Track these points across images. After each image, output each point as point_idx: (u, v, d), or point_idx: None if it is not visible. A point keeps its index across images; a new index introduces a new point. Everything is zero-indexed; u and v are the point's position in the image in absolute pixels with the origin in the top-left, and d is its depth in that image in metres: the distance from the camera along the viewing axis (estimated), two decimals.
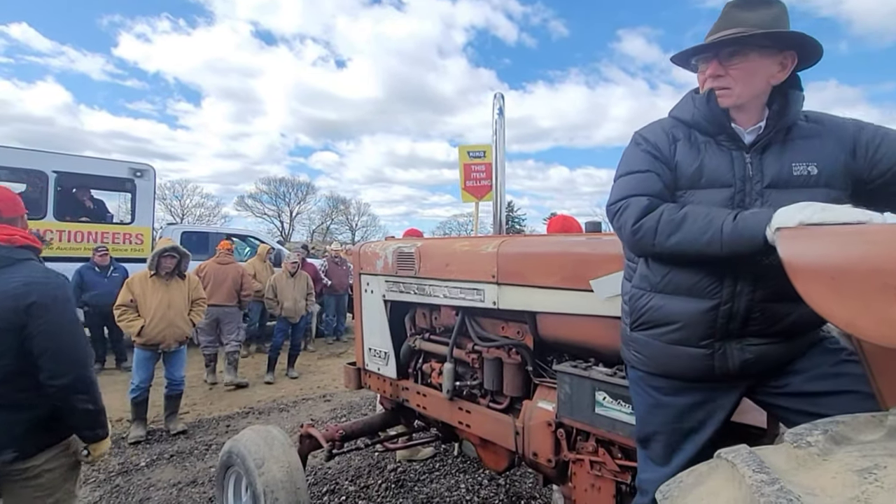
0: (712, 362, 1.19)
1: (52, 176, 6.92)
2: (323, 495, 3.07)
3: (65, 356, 1.55)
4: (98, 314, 6.16)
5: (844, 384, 1.15)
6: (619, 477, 1.66)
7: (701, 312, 1.17)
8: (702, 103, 1.27)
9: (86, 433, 1.67)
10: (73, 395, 1.57)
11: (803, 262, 0.80)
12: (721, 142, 1.25)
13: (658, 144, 1.30)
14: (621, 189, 1.28)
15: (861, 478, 0.60)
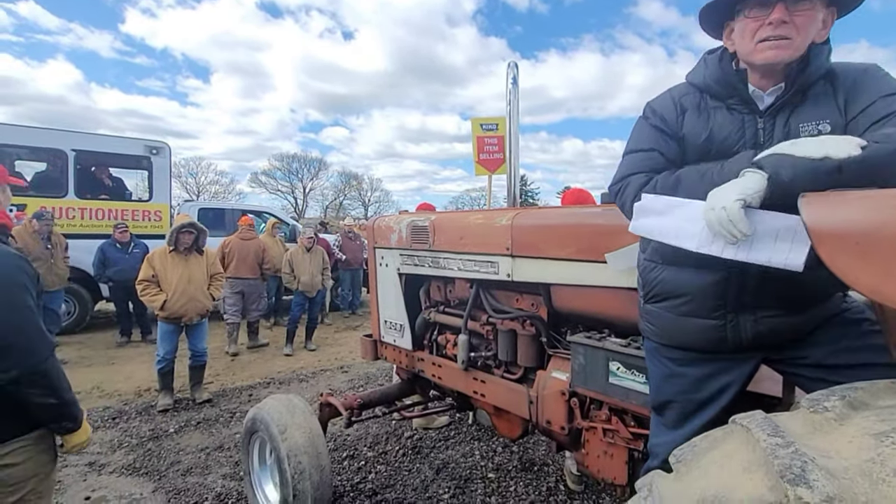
0: (725, 334, 1.18)
1: (72, 154, 7.03)
2: (343, 460, 3.19)
3: (8, 349, 1.36)
4: (122, 289, 6.36)
5: (866, 357, 1.13)
6: (632, 444, 1.69)
7: (710, 284, 1.17)
8: (713, 64, 1.21)
9: (52, 426, 1.51)
10: (24, 390, 1.40)
11: (827, 226, 0.78)
12: (732, 106, 1.19)
13: (665, 116, 1.27)
14: (624, 168, 1.28)
15: (878, 441, 0.60)
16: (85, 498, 2.79)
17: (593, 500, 2.71)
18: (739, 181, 0.99)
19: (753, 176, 0.97)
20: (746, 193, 0.95)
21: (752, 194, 0.95)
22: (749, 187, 0.96)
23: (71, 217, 7.01)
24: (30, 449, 1.47)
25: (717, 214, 0.97)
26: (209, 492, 2.84)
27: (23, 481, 1.45)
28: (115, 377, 5.07)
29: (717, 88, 1.21)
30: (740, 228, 0.94)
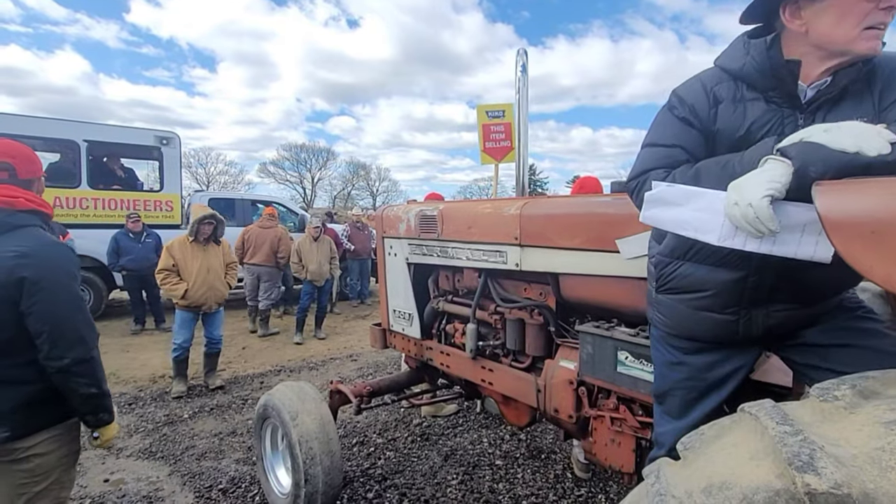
0: (737, 328, 1.18)
1: (84, 145, 7.11)
2: (353, 446, 3.25)
3: (63, 338, 1.42)
4: (135, 278, 6.47)
5: (853, 338, 1.15)
6: (639, 433, 1.70)
7: (729, 282, 1.15)
8: (759, 51, 1.08)
9: (88, 418, 1.55)
10: (72, 379, 1.45)
11: (841, 215, 0.77)
12: (772, 98, 1.09)
13: (696, 107, 1.16)
14: (642, 163, 1.20)
15: (888, 429, 0.60)
16: (104, 480, 2.88)
17: (600, 487, 2.74)
18: (764, 172, 0.92)
19: (779, 166, 0.90)
20: (774, 188, 0.89)
21: (779, 188, 0.89)
22: (775, 180, 0.89)
23: (84, 207, 7.12)
24: (58, 439, 1.51)
25: (742, 211, 0.91)
26: (223, 476, 2.92)
27: (49, 471, 1.49)
28: (130, 364, 5.18)
29: (758, 78, 1.10)
30: (769, 226, 0.89)
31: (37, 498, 1.47)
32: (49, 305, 1.41)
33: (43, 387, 1.45)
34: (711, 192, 1.04)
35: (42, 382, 1.45)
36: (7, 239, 1.41)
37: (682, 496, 0.74)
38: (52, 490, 1.50)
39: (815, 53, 1.05)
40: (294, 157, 39.17)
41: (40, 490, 1.47)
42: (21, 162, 1.52)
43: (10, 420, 1.41)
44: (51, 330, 1.41)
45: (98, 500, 2.66)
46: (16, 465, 1.44)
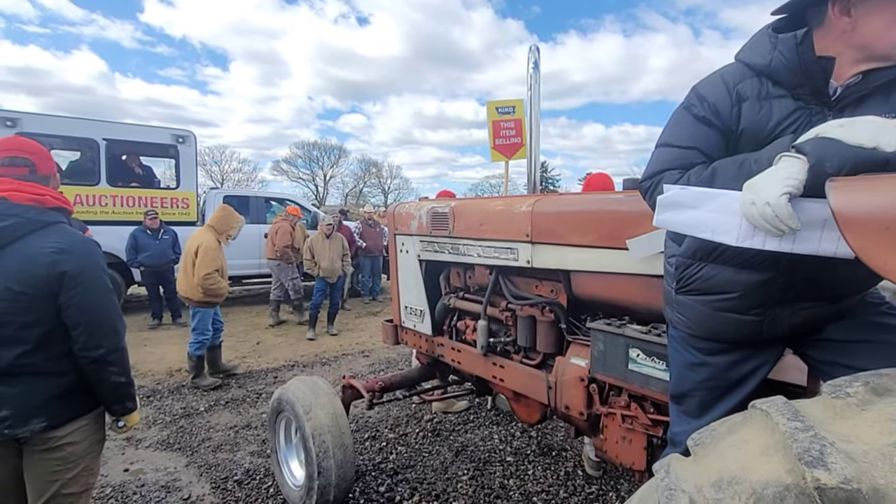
0: (761, 328, 1.16)
1: (103, 144, 7.26)
2: (365, 441, 3.29)
3: (99, 329, 1.49)
4: (153, 273, 6.61)
5: (874, 334, 1.13)
6: (651, 430, 1.70)
7: (755, 284, 1.12)
8: (788, 48, 1.04)
9: (115, 407, 1.61)
10: (105, 368, 1.52)
11: (855, 211, 0.76)
12: (799, 96, 1.06)
13: (717, 107, 1.11)
14: (656, 163, 1.17)
15: None
16: (124, 470, 2.96)
17: (611, 485, 2.73)
18: (780, 170, 0.90)
19: (795, 162, 0.89)
20: (791, 185, 0.87)
21: (797, 185, 0.87)
22: (792, 177, 0.87)
23: (104, 204, 7.28)
24: (89, 428, 1.58)
25: (760, 210, 0.89)
26: (238, 467, 2.98)
27: (80, 458, 1.56)
28: (148, 358, 5.30)
29: (786, 75, 1.06)
30: (789, 224, 0.87)
31: (68, 484, 1.53)
32: (87, 298, 1.47)
33: (76, 378, 1.51)
34: (727, 193, 1.02)
35: (75, 374, 1.51)
36: (41, 236, 1.45)
37: (691, 491, 0.75)
38: (82, 476, 1.57)
39: (853, 53, 1.02)
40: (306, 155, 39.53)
41: (72, 477, 1.54)
42: (39, 158, 1.55)
43: (47, 410, 1.47)
44: (88, 321, 1.47)
45: (119, 489, 2.74)
46: (50, 453, 1.50)
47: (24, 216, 1.44)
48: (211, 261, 4.11)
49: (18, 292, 1.40)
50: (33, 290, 1.41)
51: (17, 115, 6.80)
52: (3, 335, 1.41)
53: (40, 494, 1.50)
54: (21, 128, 6.58)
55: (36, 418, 1.45)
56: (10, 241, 1.42)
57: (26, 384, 1.44)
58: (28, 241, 1.43)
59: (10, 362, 1.41)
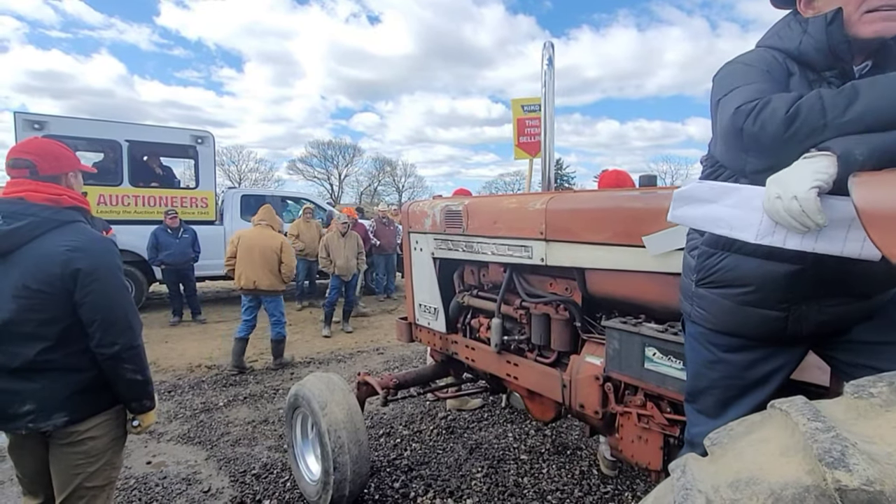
0: (785, 324, 1.12)
1: (125, 145, 7.45)
2: (379, 437, 3.32)
3: (114, 326, 1.51)
4: (173, 272, 6.76)
5: None
6: (667, 430, 1.68)
7: (782, 276, 1.07)
8: (817, 29, 1.02)
9: (133, 404, 1.62)
10: (121, 365, 1.53)
11: (879, 207, 0.74)
12: (830, 80, 1.03)
13: (771, 71, 1.05)
14: (748, 93, 0.99)
15: None
16: (147, 462, 3.05)
17: (627, 485, 2.71)
18: (809, 164, 0.87)
19: (822, 160, 0.86)
20: (821, 179, 0.84)
21: (827, 179, 0.84)
22: (822, 171, 0.84)
23: (126, 204, 7.47)
24: (110, 423, 1.62)
25: (786, 204, 0.86)
26: (256, 461, 3.03)
27: (102, 453, 1.60)
28: (169, 354, 5.43)
29: (817, 58, 1.03)
30: (816, 220, 0.84)
31: (91, 477, 1.57)
32: (102, 295, 1.49)
33: (96, 374, 1.54)
34: (747, 188, 0.99)
35: (95, 370, 1.54)
36: (57, 235, 1.49)
37: (708, 491, 0.74)
38: (104, 470, 1.61)
39: None
40: (321, 154, 39.92)
41: (94, 470, 1.58)
42: (42, 159, 1.55)
43: (69, 406, 1.51)
44: (103, 318, 1.50)
45: (142, 481, 2.82)
46: (73, 447, 1.54)
47: (40, 216, 1.48)
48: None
49: (36, 290, 1.44)
50: (49, 288, 1.44)
51: (44, 119, 7.02)
52: (24, 332, 1.45)
53: (65, 487, 1.55)
54: (48, 131, 6.79)
55: (58, 413, 1.49)
56: (27, 240, 1.46)
57: (48, 380, 1.48)
58: (44, 241, 1.47)
59: (31, 358, 1.45)
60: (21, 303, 1.44)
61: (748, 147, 0.98)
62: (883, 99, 0.85)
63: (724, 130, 1.03)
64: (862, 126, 0.86)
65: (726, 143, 1.03)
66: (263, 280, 4.70)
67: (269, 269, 4.70)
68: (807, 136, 0.90)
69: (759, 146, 0.96)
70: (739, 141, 0.99)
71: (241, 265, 4.71)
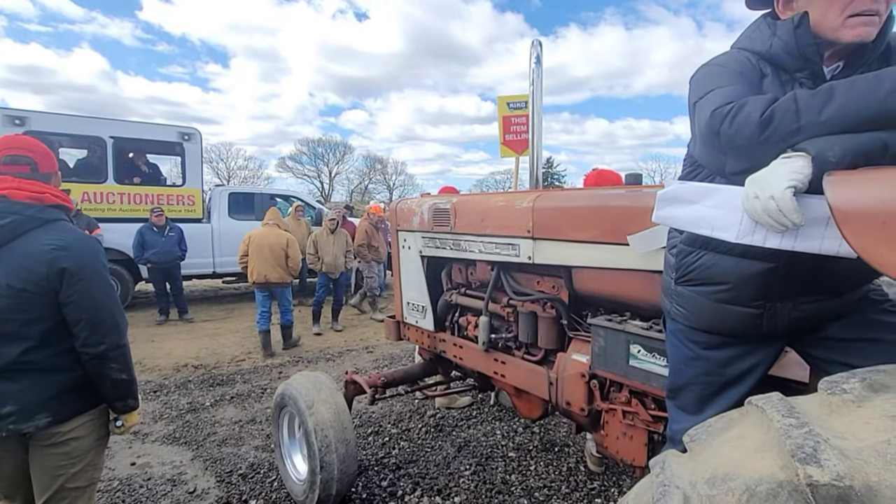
0: (761, 321, 1.15)
1: (110, 141, 7.32)
2: (368, 436, 3.31)
3: (100, 325, 1.49)
4: (159, 270, 6.67)
5: (878, 332, 1.12)
6: (651, 426, 1.69)
7: (757, 274, 1.10)
8: (786, 31, 1.05)
9: (117, 404, 1.60)
10: (107, 364, 1.52)
11: (853, 206, 0.75)
12: (801, 81, 1.06)
13: (744, 72, 1.07)
14: (724, 96, 1.01)
15: (895, 423, 0.60)
16: (131, 463, 3.00)
17: (613, 481, 2.73)
18: (785, 165, 0.89)
19: (798, 157, 0.88)
20: (797, 179, 0.86)
21: (802, 179, 0.86)
22: (797, 171, 0.86)
23: (111, 202, 7.35)
24: (93, 423, 1.59)
25: (763, 204, 0.88)
26: (243, 461, 3.01)
27: (84, 453, 1.57)
28: (155, 354, 5.36)
29: (787, 60, 1.06)
30: (792, 219, 0.86)
31: (73, 478, 1.55)
32: (87, 294, 1.47)
33: (79, 373, 1.52)
34: (727, 188, 1.01)
35: (78, 370, 1.51)
36: (41, 233, 1.46)
37: (685, 487, 0.74)
38: (86, 471, 1.58)
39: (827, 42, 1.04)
40: (311, 152, 39.61)
41: (76, 471, 1.55)
42: (41, 157, 1.56)
43: (51, 406, 1.48)
44: (89, 317, 1.48)
45: (126, 482, 2.78)
46: (54, 448, 1.51)
47: (24, 214, 1.45)
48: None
49: (19, 289, 1.41)
50: (34, 287, 1.42)
51: (25, 114, 6.87)
52: (6, 332, 1.42)
53: (46, 489, 1.52)
54: (29, 126, 6.65)
55: (40, 414, 1.46)
56: (10, 238, 1.43)
57: (30, 380, 1.46)
58: (28, 239, 1.44)
59: (13, 359, 1.43)
60: (4, 302, 1.41)
61: (726, 149, 1.00)
62: (857, 100, 0.87)
63: (702, 132, 1.05)
64: (836, 127, 0.88)
65: (705, 144, 1.05)
66: (273, 274, 5.27)
67: (277, 263, 5.27)
68: (782, 138, 0.92)
69: (736, 148, 0.98)
70: (717, 143, 1.00)
71: (252, 262, 5.25)
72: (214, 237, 8.03)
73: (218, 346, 5.71)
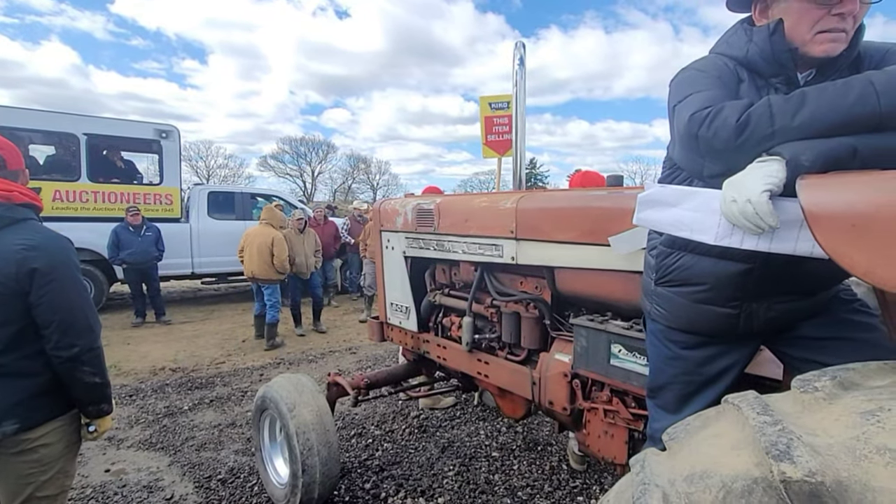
0: (737, 321, 1.17)
1: (83, 138, 7.10)
2: (351, 438, 3.28)
3: (72, 327, 1.45)
4: (135, 271, 6.50)
5: (848, 331, 1.16)
6: (632, 424, 1.72)
7: (733, 274, 1.13)
8: (761, 38, 1.08)
9: (90, 409, 1.55)
10: (79, 368, 1.47)
11: (824, 209, 0.77)
12: (777, 86, 1.09)
13: (722, 77, 1.09)
14: (701, 100, 1.03)
15: (864, 419, 0.62)
16: (105, 470, 2.91)
17: (595, 479, 2.76)
18: (760, 168, 0.91)
19: (773, 161, 0.90)
20: (772, 182, 0.88)
21: (777, 182, 0.88)
22: (772, 174, 0.88)
23: (84, 200, 7.13)
24: (64, 429, 1.54)
25: (741, 207, 0.90)
26: (222, 466, 2.95)
27: (55, 460, 1.52)
28: (131, 356, 5.22)
29: (763, 66, 1.09)
30: (769, 222, 0.88)
31: (43, 487, 1.50)
32: (59, 295, 1.43)
33: (49, 378, 1.47)
34: (705, 191, 1.03)
35: (48, 374, 1.47)
36: (10, 233, 1.42)
37: (664, 485, 0.76)
38: (57, 479, 1.53)
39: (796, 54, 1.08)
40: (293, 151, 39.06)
41: (46, 479, 1.50)
42: (9, 153, 1.52)
43: (20, 412, 1.43)
44: (61, 319, 1.43)
45: (99, 490, 2.70)
46: (23, 455, 1.46)
47: None
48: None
49: None
50: (2, 289, 1.38)
51: None
52: None
53: (14, 497, 1.47)
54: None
55: (8, 420, 1.41)
56: None
57: None
58: None
59: None
60: None
61: (703, 152, 1.02)
62: (828, 106, 0.89)
63: (680, 136, 1.06)
64: (809, 132, 0.90)
65: (683, 147, 1.07)
66: (259, 270, 5.55)
67: (263, 260, 5.51)
68: (757, 142, 0.94)
69: (713, 152, 1.00)
70: (695, 146, 1.02)
71: (245, 258, 5.66)
72: (193, 237, 7.86)
73: (197, 349, 5.59)
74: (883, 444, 0.57)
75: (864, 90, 0.87)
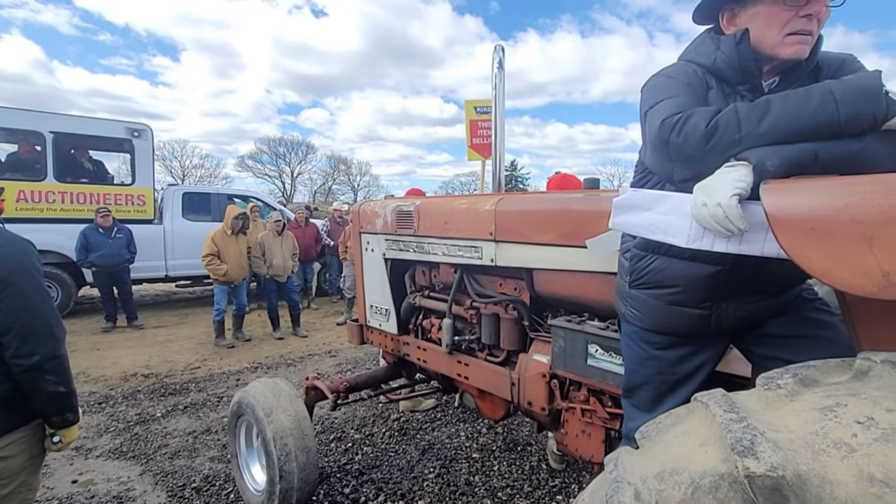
0: (709, 322, 1.21)
1: (50, 136, 6.84)
2: (330, 442, 3.24)
3: (33, 334, 1.38)
4: (106, 274, 6.29)
5: (809, 329, 1.21)
6: (609, 423, 1.75)
7: (704, 276, 1.16)
8: (728, 46, 1.12)
9: (54, 419, 1.49)
10: (41, 377, 1.41)
11: (785, 212, 0.81)
12: (743, 94, 1.13)
13: (692, 83, 1.13)
14: (672, 106, 1.06)
15: (822, 415, 0.64)
16: (72, 481, 2.81)
17: (574, 478, 2.80)
18: (729, 173, 0.94)
19: (741, 169, 0.94)
20: (740, 186, 0.91)
21: (745, 187, 0.91)
22: (741, 179, 0.92)
23: (51, 201, 6.87)
24: (26, 440, 1.48)
25: (711, 211, 0.93)
26: (197, 474, 2.87)
27: (16, 473, 1.46)
28: (100, 363, 5.04)
29: (729, 73, 1.13)
30: (738, 225, 0.91)
31: (4, 501, 1.44)
32: (18, 301, 1.37)
33: (10, 387, 1.40)
34: (677, 195, 1.06)
35: (8, 383, 1.40)
36: None
37: (636, 483, 0.77)
38: (19, 492, 1.48)
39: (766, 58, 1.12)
40: (272, 151, 38.44)
41: (7, 493, 1.44)
42: None
43: None
44: (21, 326, 1.37)
45: (66, 501, 2.60)
46: None
47: None
48: (206, 247, 5.64)
49: None
50: None
51: None
52: None
53: None
54: None
55: None
56: None
57: None
58: None
59: None
60: None
61: (674, 157, 1.05)
62: (791, 114, 0.93)
63: (652, 141, 1.09)
64: (773, 138, 0.93)
65: (654, 152, 1.10)
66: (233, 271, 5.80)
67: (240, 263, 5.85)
68: (725, 147, 0.97)
69: (683, 157, 1.03)
70: (666, 151, 1.05)
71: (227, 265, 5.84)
72: (167, 239, 7.65)
73: (170, 354, 5.44)
74: (839, 438, 0.60)
75: (824, 98, 0.91)
